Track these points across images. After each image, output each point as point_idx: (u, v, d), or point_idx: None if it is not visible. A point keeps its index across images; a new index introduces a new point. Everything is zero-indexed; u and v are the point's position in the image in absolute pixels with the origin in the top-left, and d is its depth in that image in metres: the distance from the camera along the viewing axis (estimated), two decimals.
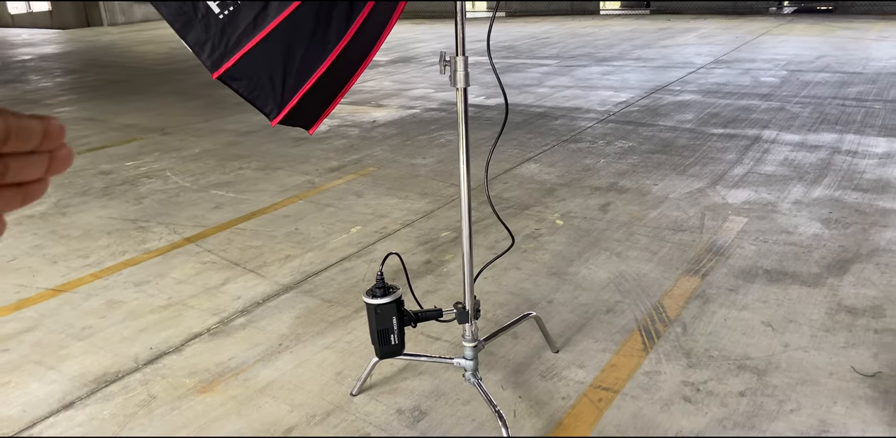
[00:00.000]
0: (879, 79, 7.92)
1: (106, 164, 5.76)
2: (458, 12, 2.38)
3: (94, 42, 17.02)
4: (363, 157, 5.77)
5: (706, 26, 14.23)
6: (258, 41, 1.90)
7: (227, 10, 1.83)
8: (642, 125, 6.42)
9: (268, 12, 1.88)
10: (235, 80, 1.96)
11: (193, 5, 1.79)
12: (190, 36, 1.82)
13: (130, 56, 13.89)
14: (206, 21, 1.82)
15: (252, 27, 1.88)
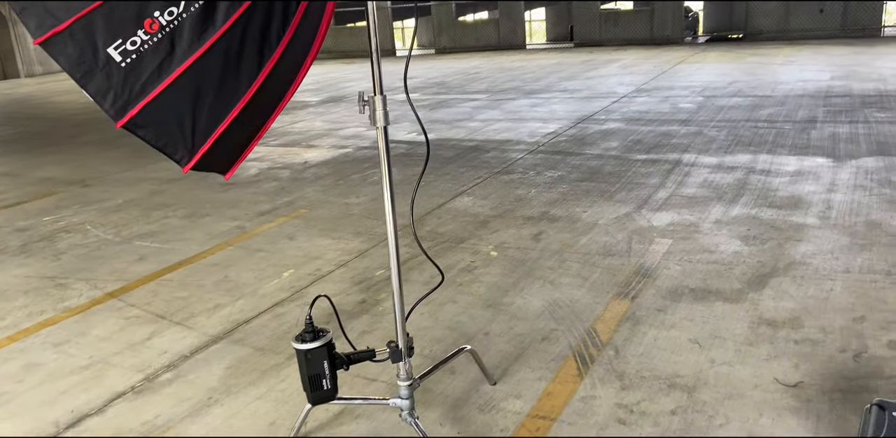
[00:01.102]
0: (787, 102, 8.31)
1: (22, 221, 5.56)
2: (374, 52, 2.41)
3: (10, 94, 16.58)
4: (295, 199, 5.72)
5: (627, 57, 14.76)
6: (164, 88, 1.88)
7: (130, 58, 1.80)
8: (570, 154, 6.56)
9: (173, 59, 1.86)
10: (141, 128, 1.92)
11: (94, 54, 1.76)
12: (91, 85, 1.79)
13: (49, 107, 13.56)
14: (107, 70, 1.79)
15: (157, 74, 1.86)
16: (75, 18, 1.72)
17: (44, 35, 1.70)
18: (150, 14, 1.79)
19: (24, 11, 1.69)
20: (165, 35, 1.83)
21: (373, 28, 2.33)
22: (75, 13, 1.71)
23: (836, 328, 2.93)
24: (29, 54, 22.04)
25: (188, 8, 1.83)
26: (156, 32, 1.81)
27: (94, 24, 1.74)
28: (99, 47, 1.76)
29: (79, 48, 1.74)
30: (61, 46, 1.73)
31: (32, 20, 1.69)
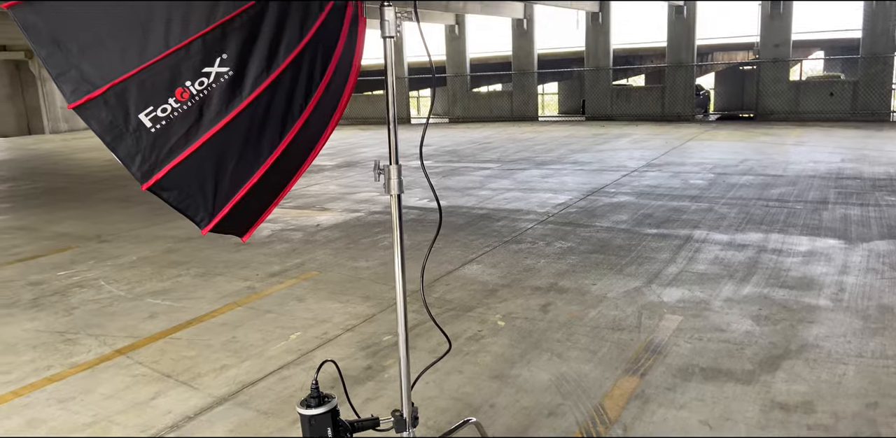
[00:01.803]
0: (799, 182, 8.39)
1: (36, 275, 5.60)
2: (391, 123, 2.49)
3: (34, 150, 16.97)
4: (305, 261, 5.76)
5: (638, 132, 15.02)
6: (189, 153, 1.94)
7: (159, 124, 1.87)
8: (580, 226, 6.60)
9: (200, 125, 1.93)
10: (165, 191, 1.98)
11: (125, 119, 1.83)
12: (120, 149, 1.85)
13: (71, 163, 13.85)
14: (137, 134, 1.86)
15: (184, 140, 1.93)
16: (110, 85, 1.80)
17: (78, 100, 1.78)
18: (182, 83, 1.87)
19: (61, 77, 1.77)
20: (195, 103, 1.91)
21: (391, 100, 2.42)
22: (111, 80, 1.79)
23: (848, 414, 2.88)
24: (55, 111, 22.68)
25: (218, 78, 1.91)
26: (186, 100, 1.89)
27: (128, 91, 1.82)
28: (131, 113, 1.84)
29: (111, 114, 1.82)
30: (95, 111, 1.80)
31: (68, 85, 1.77)
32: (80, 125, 23.29)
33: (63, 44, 1.75)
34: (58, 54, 1.75)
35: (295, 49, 2.03)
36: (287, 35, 2.00)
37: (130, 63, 1.80)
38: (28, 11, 1.72)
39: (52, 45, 1.74)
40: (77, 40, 1.76)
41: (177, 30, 1.82)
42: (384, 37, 2.38)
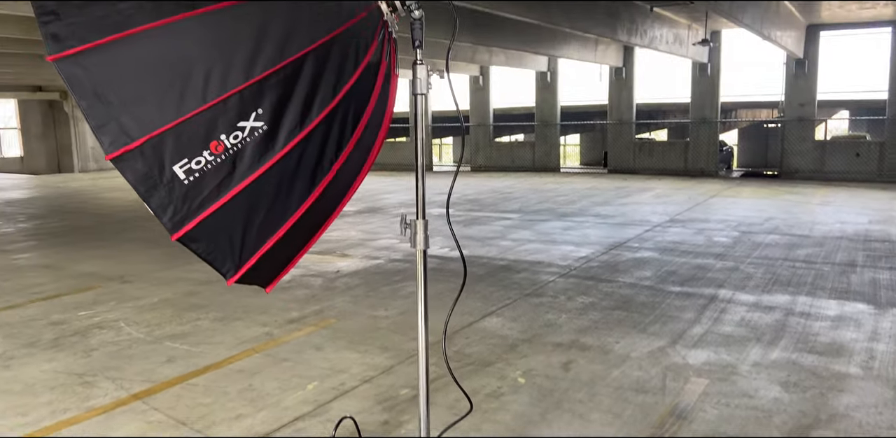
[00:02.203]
0: (826, 243, 8.28)
1: (58, 314, 5.62)
2: (419, 177, 2.49)
3: (62, 188, 17.27)
4: (324, 308, 5.72)
5: (660, 186, 15.00)
6: (220, 205, 1.96)
7: (193, 176, 1.89)
8: (603, 281, 6.53)
9: (232, 178, 1.95)
10: (194, 242, 1.98)
11: (160, 171, 1.85)
12: (153, 200, 1.87)
13: (97, 202, 14.05)
14: (170, 186, 1.88)
15: (216, 192, 1.94)
16: (147, 138, 1.83)
17: (116, 151, 1.81)
18: (217, 136, 1.90)
19: (101, 128, 1.80)
20: (228, 156, 1.93)
21: (420, 156, 2.43)
22: (148, 133, 1.83)
23: None
24: (85, 150, 23.16)
25: (253, 132, 1.94)
26: (220, 153, 1.91)
27: (165, 143, 1.85)
28: (166, 165, 1.86)
29: (147, 165, 1.84)
30: (131, 162, 1.83)
31: (107, 137, 1.80)
32: (108, 165, 23.64)
33: (104, 96, 1.79)
34: (98, 106, 1.78)
35: (328, 105, 2.06)
36: (321, 92, 2.03)
37: (168, 116, 1.83)
38: (72, 64, 1.76)
39: (93, 97, 1.78)
40: (118, 93, 1.80)
41: (215, 85, 1.86)
42: (415, 94, 2.41)
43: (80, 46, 1.75)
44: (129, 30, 1.78)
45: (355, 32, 2.11)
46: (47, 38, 1.75)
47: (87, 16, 1.77)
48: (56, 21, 1.75)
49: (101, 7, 1.77)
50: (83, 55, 1.76)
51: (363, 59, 2.14)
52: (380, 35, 2.21)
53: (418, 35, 2.36)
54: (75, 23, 1.76)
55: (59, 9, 1.75)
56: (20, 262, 7.89)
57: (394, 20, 2.27)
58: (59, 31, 1.75)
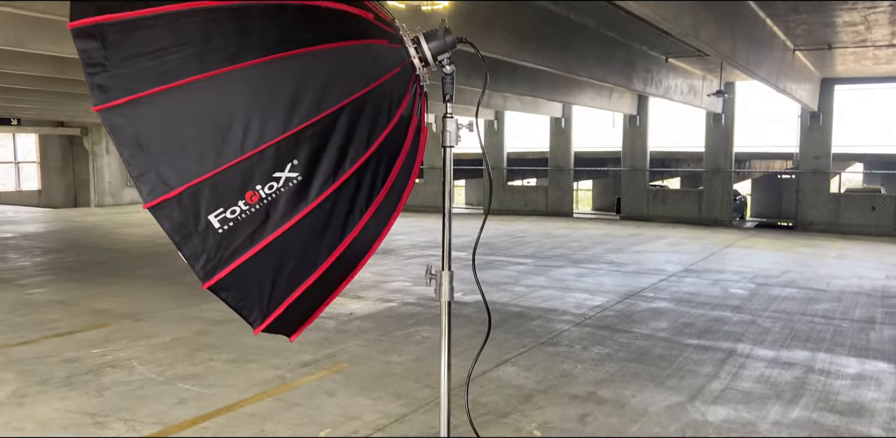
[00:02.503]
0: (844, 298, 8.19)
1: (71, 352, 5.60)
2: (446, 229, 2.51)
3: (78, 222, 17.40)
4: (337, 352, 5.68)
5: (674, 235, 14.95)
6: (252, 255, 1.97)
7: (227, 225, 1.91)
8: (618, 331, 6.47)
9: (265, 228, 1.97)
10: (224, 290, 1.99)
11: (195, 220, 1.87)
12: (187, 248, 1.88)
13: (113, 238, 14.14)
14: (205, 235, 1.89)
15: (248, 242, 1.96)
16: (185, 187, 1.85)
17: (154, 200, 1.83)
18: (253, 186, 1.92)
19: (141, 177, 1.83)
20: (263, 206, 1.95)
21: (448, 208, 2.45)
22: (186, 182, 1.85)
23: None
24: (103, 186, 23.41)
25: (287, 183, 1.96)
26: (255, 203, 1.93)
27: (202, 193, 1.87)
28: (201, 214, 1.88)
29: (184, 214, 1.86)
30: (168, 211, 1.85)
31: (146, 186, 1.83)
32: (124, 200, 23.95)
33: (145, 146, 1.82)
34: (140, 156, 1.82)
35: (361, 157, 2.09)
36: (355, 144, 2.06)
37: (206, 166, 1.86)
38: (116, 115, 1.80)
39: (135, 146, 1.81)
40: (159, 143, 1.83)
41: (254, 136, 1.89)
42: (445, 146, 2.44)
43: (126, 97, 1.79)
44: (174, 82, 1.82)
45: (389, 87, 2.15)
46: (93, 88, 1.79)
47: (133, 68, 1.81)
48: (103, 72, 1.79)
49: (147, 60, 1.81)
50: (128, 106, 1.80)
51: (396, 112, 2.18)
52: (412, 89, 2.25)
53: (449, 89, 2.40)
54: (121, 74, 1.80)
55: (107, 60, 1.80)
56: (35, 297, 7.91)
57: (425, 74, 2.31)
58: (105, 82, 1.79)
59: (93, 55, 1.80)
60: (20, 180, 27.52)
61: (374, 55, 2.12)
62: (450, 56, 2.34)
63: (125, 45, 1.82)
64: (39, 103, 15.88)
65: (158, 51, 1.82)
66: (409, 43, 2.23)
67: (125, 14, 1.84)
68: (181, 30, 1.86)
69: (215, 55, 1.87)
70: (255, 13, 1.92)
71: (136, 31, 1.83)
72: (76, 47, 1.81)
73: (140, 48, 1.82)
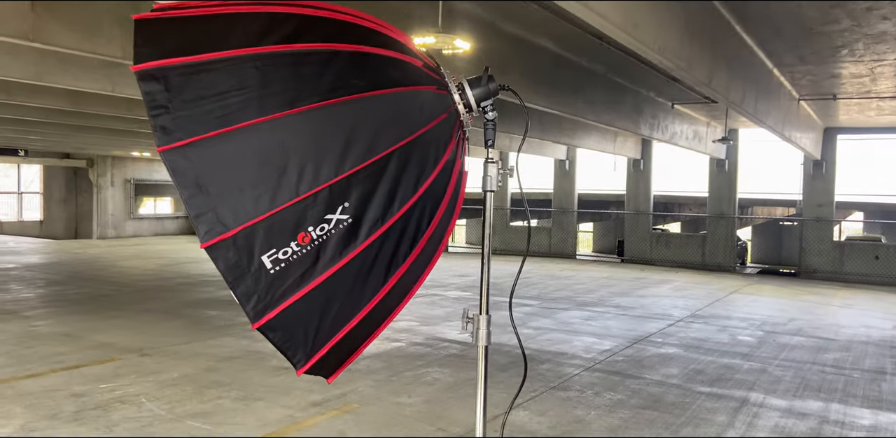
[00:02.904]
0: (853, 348, 8.14)
1: (79, 386, 5.54)
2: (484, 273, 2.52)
3: (80, 254, 17.36)
4: (347, 392, 5.63)
5: (678, 279, 14.93)
6: (301, 296, 1.98)
7: (279, 266, 1.93)
8: (629, 377, 6.41)
9: (315, 269, 1.98)
10: (272, 331, 2.00)
11: (249, 260, 1.89)
12: (240, 288, 1.90)
13: (115, 270, 14.09)
14: (257, 275, 1.91)
15: (298, 282, 1.97)
16: (241, 228, 1.87)
17: (211, 240, 1.85)
18: (305, 228, 1.95)
19: (199, 217, 1.85)
20: (313, 247, 1.97)
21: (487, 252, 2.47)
22: (243, 223, 1.87)
23: None
24: (105, 218, 23.43)
25: (338, 225, 1.99)
26: (306, 245, 1.95)
27: (256, 234, 1.89)
28: (255, 255, 1.90)
29: (238, 254, 1.88)
30: (223, 251, 1.87)
31: (204, 226, 1.85)
32: (126, 232, 23.94)
33: (205, 187, 1.85)
34: (199, 197, 1.84)
35: (409, 202, 2.12)
36: (402, 188, 2.10)
37: (262, 208, 1.88)
38: (178, 156, 1.83)
39: (194, 187, 1.84)
40: (218, 185, 1.86)
41: (308, 179, 1.92)
42: (486, 191, 2.48)
43: (187, 139, 1.82)
44: (234, 125, 1.86)
45: (436, 132, 2.19)
46: (156, 129, 1.83)
47: (194, 110, 1.85)
48: (165, 114, 1.83)
49: (208, 103, 1.85)
50: (189, 147, 1.83)
51: (441, 157, 2.22)
52: (456, 134, 2.29)
53: (491, 135, 2.45)
54: (183, 116, 1.84)
55: (170, 103, 1.84)
56: (40, 329, 7.85)
57: (468, 120, 2.36)
58: (167, 124, 1.83)
59: (156, 97, 1.84)
60: (22, 210, 27.57)
61: (422, 101, 2.17)
62: (492, 103, 2.40)
63: (187, 88, 1.86)
64: (49, 135, 16.02)
65: (219, 94, 1.87)
66: (453, 89, 2.28)
67: (187, 58, 1.89)
68: (240, 74, 1.91)
69: (273, 99, 1.91)
70: (310, 59, 1.98)
71: (197, 75, 1.88)
72: (140, 89, 1.85)
73: (201, 91, 1.87)
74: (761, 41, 7.84)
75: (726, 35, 7.04)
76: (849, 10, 6.48)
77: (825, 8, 6.47)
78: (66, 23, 5.89)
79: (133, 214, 24.30)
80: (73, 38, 6.02)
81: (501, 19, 7.15)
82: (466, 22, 6.62)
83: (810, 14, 6.70)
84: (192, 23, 2.00)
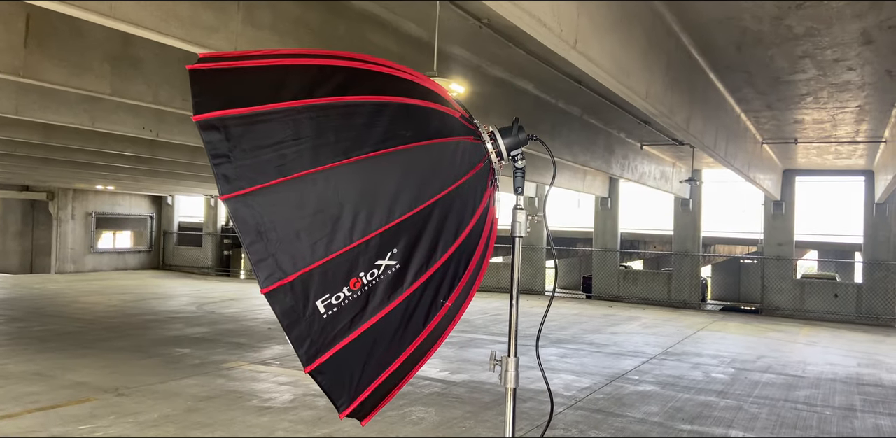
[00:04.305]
0: (821, 385, 8.34)
1: (57, 427, 5.40)
2: (513, 316, 2.59)
3: (40, 289, 16.89)
4: (333, 432, 5.58)
5: (646, 316, 15.13)
6: (350, 340, 2.03)
7: (331, 310, 1.98)
8: (611, 415, 6.47)
9: (364, 314, 2.04)
10: (321, 374, 2.03)
11: (304, 305, 1.93)
12: (294, 332, 1.94)
13: (78, 306, 13.74)
14: (311, 319, 1.95)
15: (347, 327, 2.02)
16: (299, 274, 1.92)
17: (270, 286, 1.90)
18: (357, 273, 2.01)
19: (260, 263, 1.90)
20: (363, 292, 2.03)
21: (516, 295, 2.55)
22: (300, 269, 1.93)
23: None
24: (65, 252, 22.86)
25: (386, 270, 2.05)
26: (357, 290, 2.01)
27: (312, 279, 1.94)
28: (310, 299, 1.95)
29: (294, 299, 1.93)
30: (281, 296, 1.91)
31: (264, 272, 1.90)
32: (86, 267, 23.37)
33: (265, 234, 1.90)
34: (259, 243, 1.89)
35: (450, 249, 2.19)
36: (445, 236, 2.17)
37: (318, 254, 1.94)
38: (240, 204, 1.89)
39: (255, 234, 1.89)
40: (276, 232, 1.92)
41: (361, 226, 1.99)
42: (514, 236, 2.56)
43: (249, 188, 1.88)
44: (292, 174, 1.92)
45: (474, 181, 2.28)
46: (219, 177, 1.88)
47: (255, 159, 1.91)
48: (227, 163, 1.89)
49: (267, 152, 1.92)
50: (250, 196, 1.88)
51: (479, 205, 2.30)
52: (491, 183, 2.39)
53: (520, 182, 2.54)
54: (244, 165, 1.90)
55: (231, 152, 1.90)
56: (9, 368, 7.61)
57: (499, 169, 2.46)
58: (229, 173, 1.88)
59: (217, 146, 1.90)
60: None
61: (461, 151, 2.27)
62: (521, 152, 2.50)
63: (246, 137, 1.93)
64: (10, 167, 15.71)
65: (276, 144, 1.93)
66: (486, 138, 2.38)
67: (245, 109, 1.96)
68: (296, 125, 1.98)
69: (327, 149, 1.98)
70: (360, 110, 2.06)
71: (255, 125, 1.95)
72: (202, 139, 1.91)
73: (260, 141, 1.93)
74: (732, 88, 8.18)
75: (701, 82, 7.34)
76: (817, 61, 6.83)
77: (794, 58, 6.81)
78: (57, 59, 5.89)
79: (93, 248, 23.77)
80: (62, 74, 6.00)
81: (488, 63, 7.35)
82: (456, 66, 6.80)
83: (780, 64, 7.04)
84: (245, 74, 2.07)
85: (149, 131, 9.19)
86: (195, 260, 24.89)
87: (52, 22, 5.76)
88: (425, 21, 5.97)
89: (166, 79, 6.83)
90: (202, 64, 2.05)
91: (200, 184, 19.86)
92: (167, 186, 21.42)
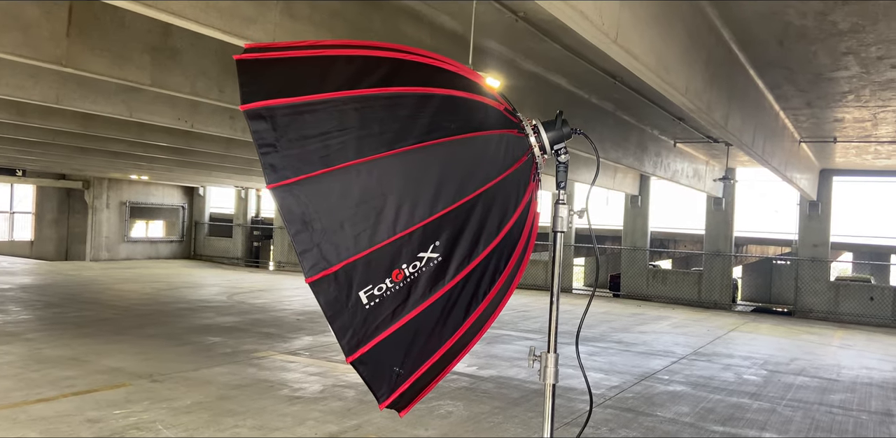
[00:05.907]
0: (857, 389, 8.19)
1: (93, 411, 5.49)
2: (553, 312, 2.57)
3: (75, 276, 17.21)
4: (362, 423, 5.60)
5: (676, 316, 14.98)
6: (391, 331, 2.02)
7: (374, 301, 1.98)
8: (641, 414, 6.42)
9: (405, 305, 2.03)
10: (362, 364, 2.03)
11: (347, 295, 1.93)
12: (337, 322, 1.94)
13: (113, 294, 13.98)
14: (353, 310, 1.95)
15: (389, 318, 2.02)
16: (343, 264, 1.92)
17: (315, 276, 1.90)
18: (399, 265, 2.00)
19: (305, 253, 1.90)
20: (406, 284, 2.02)
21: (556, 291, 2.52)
22: (344, 260, 1.93)
23: None
24: (100, 240, 23.26)
25: (429, 263, 2.04)
26: (399, 281, 2.00)
27: (356, 270, 1.94)
28: (353, 290, 1.95)
29: (338, 289, 1.93)
30: (325, 286, 1.92)
31: (308, 261, 1.90)
32: (119, 255, 23.76)
33: (310, 224, 1.90)
34: (304, 233, 1.89)
35: (493, 242, 2.17)
36: (488, 229, 2.16)
37: (362, 245, 1.94)
38: (286, 193, 1.89)
39: (301, 224, 1.89)
40: (321, 222, 1.92)
41: (404, 218, 1.98)
42: (555, 231, 2.53)
43: (295, 177, 1.88)
44: (337, 165, 1.92)
45: (518, 175, 2.26)
46: (266, 167, 1.88)
47: (301, 149, 1.91)
48: (274, 152, 1.89)
49: (313, 142, 1.92)
50: (296, 185, 1.88)
51: (522, 199, 2.28)
52: (534, 177, 2.36)
53: (562, 177, 2.51)
54: (290, 155, 1.90)
55: (277, 142, 1.90)
56: (45, 352, 7.77)
57: (542, 163, 2.43)
58: (276, 162, 1.89)
59: (264, 136, 1.90)
60: (14, 231, 27.32)
61: (505, 144, 2.24)
62: (565, 146, 2.46)
63: (292, 127, 1.93)
64: (50, 156, 16.00)
65: (322, 134, 1.93)
66: (530, 132, 2.35)
67: (291, 99, 1.96)
68: (341, 115, 1.97)
69: (372, 140, 1.98)
70: (405, 101, 2.05)
71: (301, 115, 1.94)
72: (249, 128, 1.91)
73: (306, 131, 1.93)
74: (772, 85, 8.04)
75: (741, 79, 7.21)
76: (860, 58, 6.68)
77: (837, 55, 6.67)
78: (99, 49, 5.96)
79: (127, 237, 24.16)
80: (103, 64, 6.08)
81: (522, 57, 7.30)
82: (490, 59, 6.76)
83: (822, 60, 6.89)
84: (292, 64, 2.07)
85: (184, 122, 9.29)
86: (225, 251, 25.18)
87: (95, 12, 5.84)
88: (459, 14, 5.94)
89: (203, 70, 6.89)
90: (248, 54, 2.05)
91: (232, 176, 20.05)
92: (199, 177, 21.66)
